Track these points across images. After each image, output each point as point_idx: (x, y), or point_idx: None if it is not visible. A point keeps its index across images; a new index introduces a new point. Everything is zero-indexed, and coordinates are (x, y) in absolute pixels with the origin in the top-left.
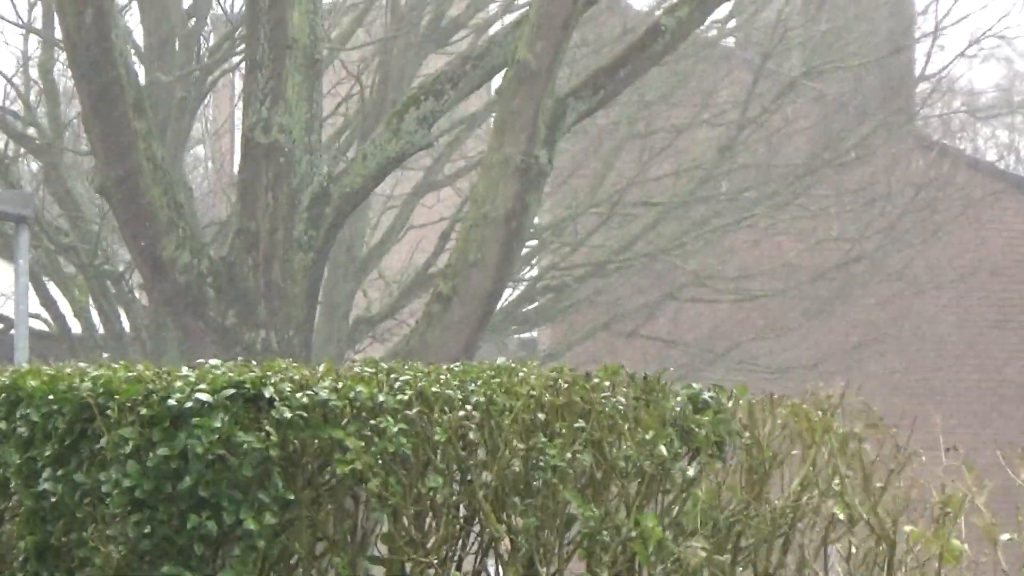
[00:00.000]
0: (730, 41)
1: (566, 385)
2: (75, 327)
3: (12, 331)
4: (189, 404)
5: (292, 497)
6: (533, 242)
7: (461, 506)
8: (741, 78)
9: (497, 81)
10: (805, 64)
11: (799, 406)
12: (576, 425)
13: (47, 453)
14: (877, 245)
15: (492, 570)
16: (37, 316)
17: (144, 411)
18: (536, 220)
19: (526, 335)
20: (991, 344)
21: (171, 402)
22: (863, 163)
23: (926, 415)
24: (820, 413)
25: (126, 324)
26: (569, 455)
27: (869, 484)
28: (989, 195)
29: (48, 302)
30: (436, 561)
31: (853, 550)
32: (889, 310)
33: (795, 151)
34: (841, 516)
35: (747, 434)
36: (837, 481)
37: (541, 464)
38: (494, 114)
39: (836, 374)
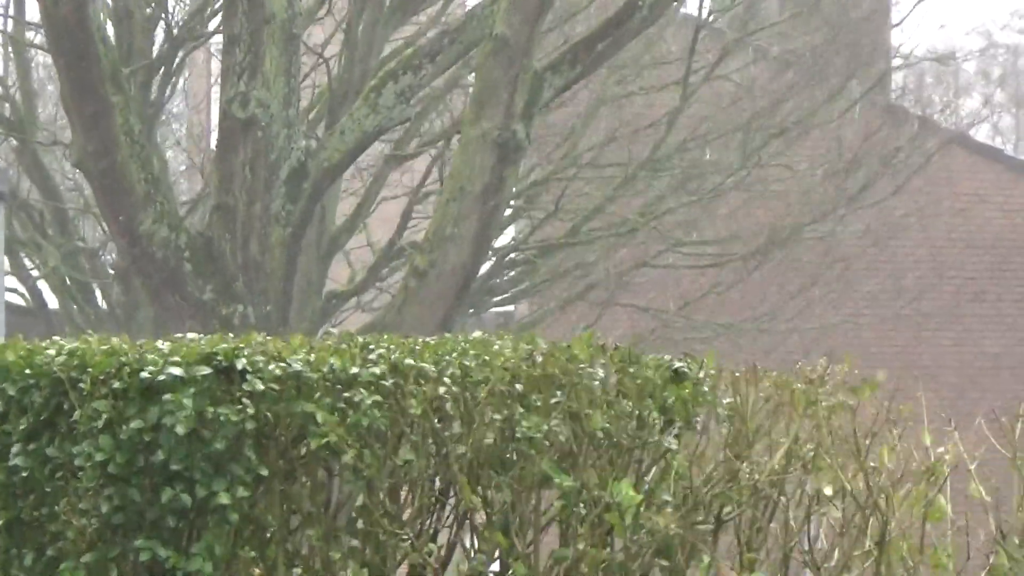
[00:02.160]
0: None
1: (540, 357)
2: (52, 302)
3: None
4: (162, 377)
5: (265, 471)
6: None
7: (436, 479)
8: (711, 46)
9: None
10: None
11: (783, 378)
12: (554, 398)
13: (21, 427)
14: (844, 206)
15: (468, 542)
16: (14, 291)
17: (117, 384)
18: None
19: (502, 309)
20: (968, 316)
21: (144, 375)
22: (831, 125)
23: (904, 387)
24: (804, 385)
25: (101, 300)
26: (546, 427)
27: (858, 456)
28: (941, 147)
29: (25, 277)
30: (412, 534)
31: (833, 522)
32: (867, 282)
33: (761, 114)
34: (828, 491)
35: (726, 402)
36: (822, 454)
37: (517, 435)
38: (470, 87)
39: (811, 343)
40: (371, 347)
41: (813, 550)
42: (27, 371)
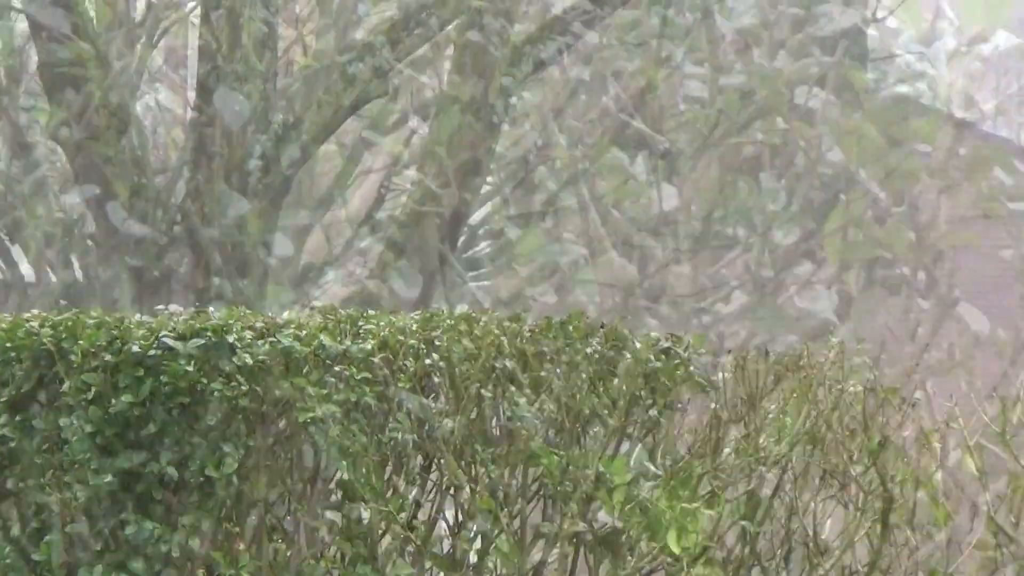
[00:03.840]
0: None
1: (530, 333)
2: (28, 275)
3: None
4: (153, 351)
5: (252, 444)
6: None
7: (419, 455)
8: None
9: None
10: None
11: (792, 361)
12: (543, 373)
13: (3, 399)
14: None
15: (451, 517)
16: None
17: (108, 357)
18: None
19: (479, 284)
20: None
21: (135, 349)
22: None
23: (892, 363)
24: (814, 368)
25: (79, 272)
26: (537, 405)
27: (868, 440)
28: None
29: (1, 249)
30: (395, 509)
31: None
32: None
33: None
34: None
35: (718, 377)
36: (829, 436)
37: (509, 413)
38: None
39: (791, 323)
40: (359, 322)
41: (817, 532)
42: (7, 344)
